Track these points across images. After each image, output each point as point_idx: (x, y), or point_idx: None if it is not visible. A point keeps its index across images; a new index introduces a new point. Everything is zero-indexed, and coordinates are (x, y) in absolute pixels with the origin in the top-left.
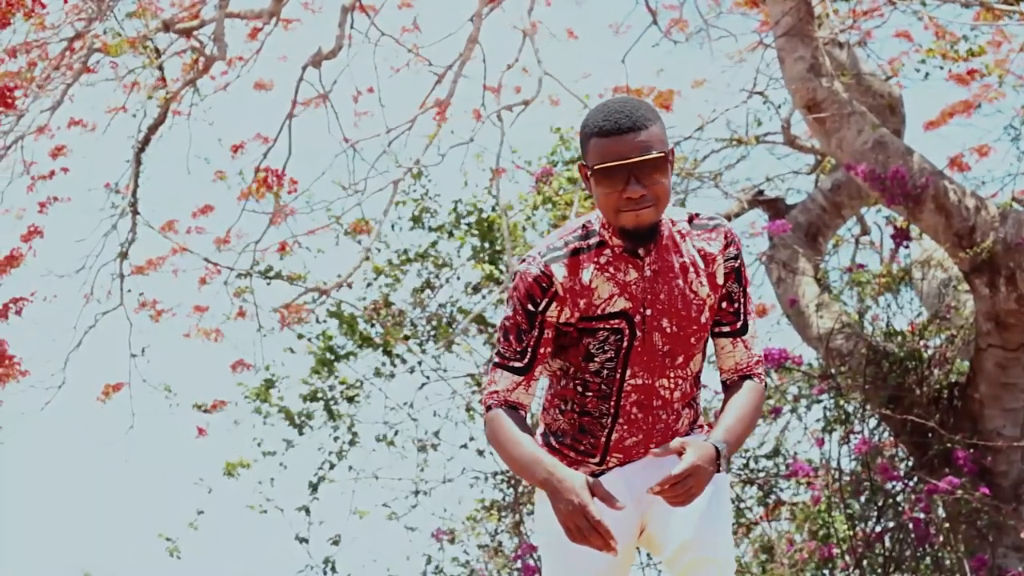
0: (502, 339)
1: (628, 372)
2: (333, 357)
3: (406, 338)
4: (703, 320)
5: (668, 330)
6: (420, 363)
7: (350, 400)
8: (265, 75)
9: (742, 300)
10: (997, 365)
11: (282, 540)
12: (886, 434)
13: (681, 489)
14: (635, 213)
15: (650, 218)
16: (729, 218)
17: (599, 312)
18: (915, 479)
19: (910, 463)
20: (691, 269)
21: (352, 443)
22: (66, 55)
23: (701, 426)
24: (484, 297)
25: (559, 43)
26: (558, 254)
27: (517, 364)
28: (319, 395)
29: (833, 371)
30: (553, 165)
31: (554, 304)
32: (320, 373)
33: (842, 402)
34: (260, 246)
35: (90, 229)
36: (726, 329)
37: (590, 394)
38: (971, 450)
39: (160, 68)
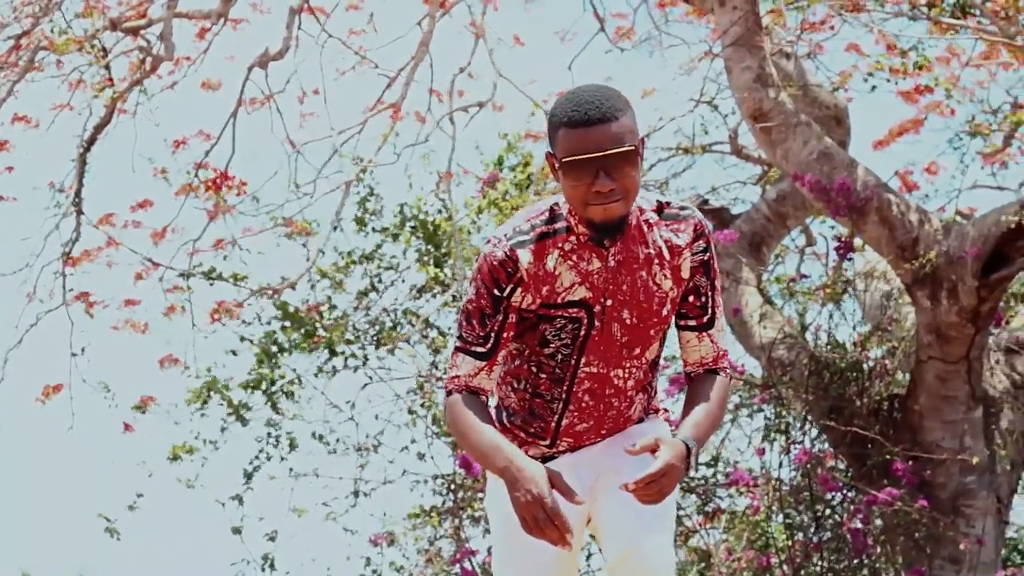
0: (464, 323)
1: (583, 360)
2: (277, 349)
3: (348, 342)
4: (664, 313)
5: (628, 321)
6: (365, 362)
7: (289, 395)
8: (212, 75)
9: (710, 294)
10: (937, 378)
11: (220, 532)
12: (826, 444)
13: (655, 488)
14: (603, 207)
15: (619, 211)
16: None
17: (559, 300)
18: (854, 490)
19: (849, 474)
20: (656, 261)
21: (292, 447)
22: (12, 52)
23: (656, 410)
24: (428, 301)
25: (506, 49)
26: (524, 238)
27: (480, 349)
28: (262, 385)
29: (775, 381)
30: (500, 170)
31: (518, 289)
32: (264, 363)
33: (783, 412)
34: (200, 244)
35: (34, 228)
36: (692, 323)
37: (543, 376)
38: (910, 462)
39: (107, 67)
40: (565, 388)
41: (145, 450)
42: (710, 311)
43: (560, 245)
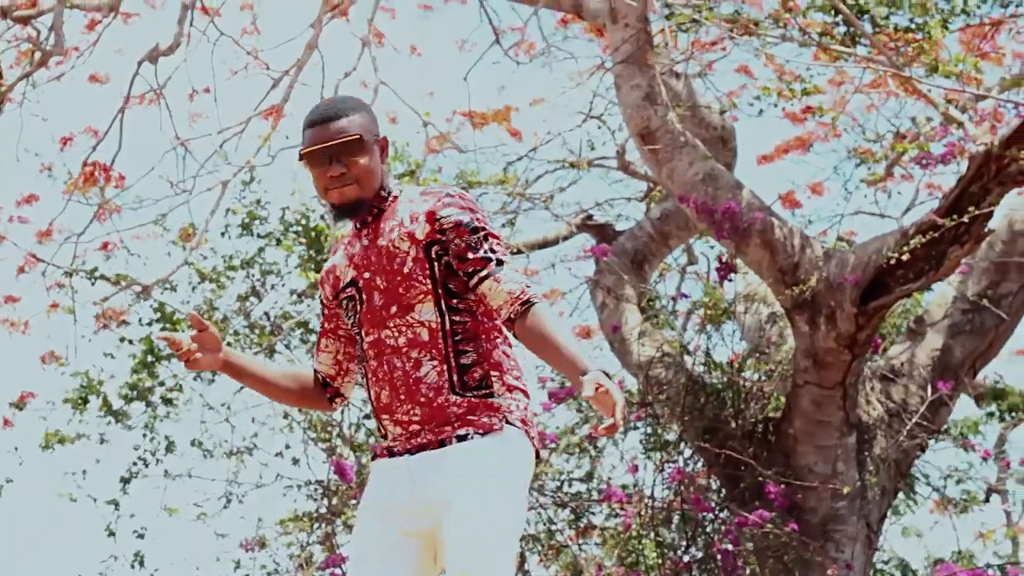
0: None
1: (363, 331)
2: (154, 359)
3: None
4: (407, 270)
5: (381, 286)
6: None
7: (168, 403)
8: (101, 68)
9: (483, 244)
10: (813, 402)
11: (91, 529)
12: (700, 464)
13: (606, 399)
14: (339, 191)
15: (354, 194)
16: (557, 241)
17: (341, 284)
18: (726, 511)
19: (722, 494)
20: (397, 229)
21: (169, 450)
22: None
23: (490, 400)
24: (308, 306)
25: (403, 58)
26: (337, 245)
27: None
28: (137, 392)
29: (652, 399)
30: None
31: (327, 287)
32: (140, 373)
33: (659, 430)
34: (83, 239)
35: None
36: (483, 273)
37: (358, 354)
38: (782, 485)
39: None
40: (364, 360)
41: (20, 442)
42: (492, 256)
43: (346, 241)
